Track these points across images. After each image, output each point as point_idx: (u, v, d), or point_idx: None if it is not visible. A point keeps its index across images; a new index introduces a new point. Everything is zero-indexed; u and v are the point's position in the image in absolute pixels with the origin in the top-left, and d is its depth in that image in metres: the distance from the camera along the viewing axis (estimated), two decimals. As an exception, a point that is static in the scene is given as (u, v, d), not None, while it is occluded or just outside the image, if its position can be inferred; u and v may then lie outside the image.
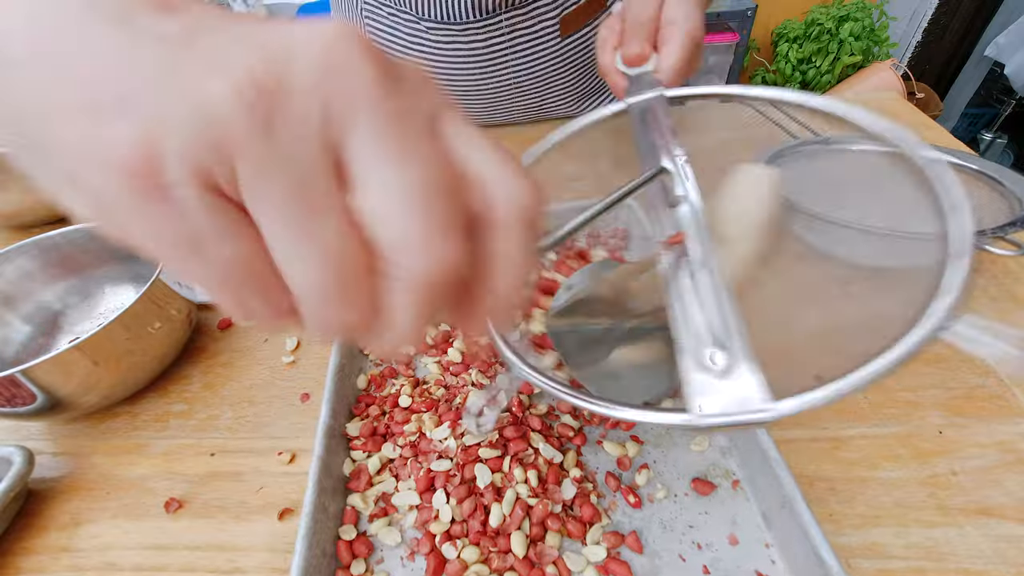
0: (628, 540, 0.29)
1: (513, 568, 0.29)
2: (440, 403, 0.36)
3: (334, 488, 0.32)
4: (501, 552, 0.29)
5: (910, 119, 0.63)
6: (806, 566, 0.26)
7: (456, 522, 0.30)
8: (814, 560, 0.25)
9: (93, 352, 0.34)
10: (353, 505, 0.32)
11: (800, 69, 1.74)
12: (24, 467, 0.33)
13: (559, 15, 0.57)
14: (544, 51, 0.59)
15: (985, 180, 0.42)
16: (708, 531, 0.29)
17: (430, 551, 0.30)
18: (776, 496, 0.27)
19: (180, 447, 0.37)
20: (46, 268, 0.46)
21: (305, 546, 0.27)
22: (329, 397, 0.34)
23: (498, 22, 0.56)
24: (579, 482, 0.32)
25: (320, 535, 0.29)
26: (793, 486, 0.26)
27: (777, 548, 0.28)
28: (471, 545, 0.30)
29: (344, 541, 0.30)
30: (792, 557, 0.27)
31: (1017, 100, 1.67)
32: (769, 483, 0.28)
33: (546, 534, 0.30)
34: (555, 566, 0.29)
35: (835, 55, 1.67)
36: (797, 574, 0.27)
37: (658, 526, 0.30)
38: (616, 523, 0.31)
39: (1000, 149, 1.80)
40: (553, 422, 0.35)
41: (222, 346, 0.44)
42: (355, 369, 0.40)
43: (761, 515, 0.30)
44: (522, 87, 0.62)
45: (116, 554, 0.32)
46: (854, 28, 1.62)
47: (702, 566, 0.28)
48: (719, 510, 0.30)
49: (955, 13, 1.73)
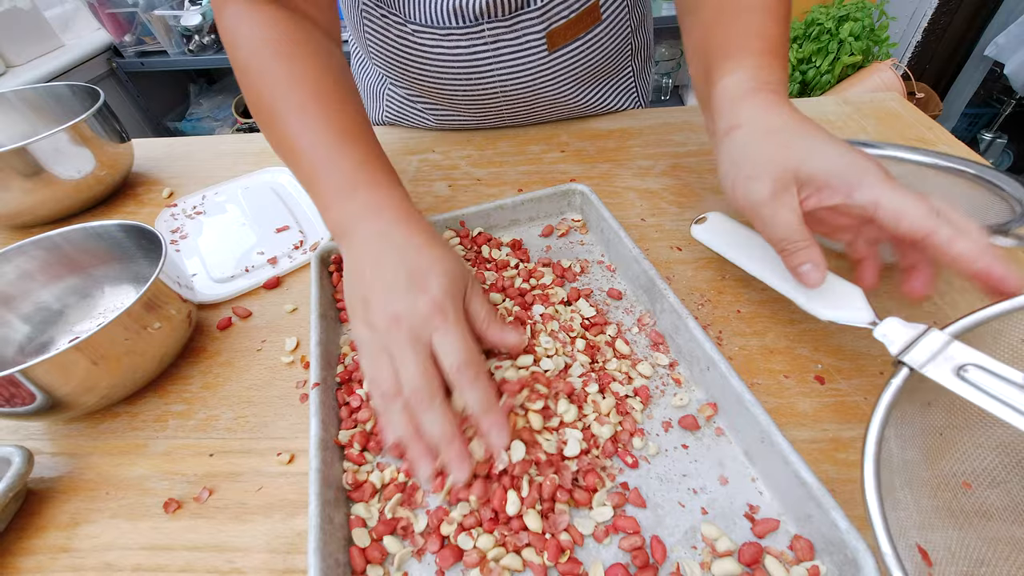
0: (631, 497, 0.31)
1: (530, 544, 0.29)
2: None
3: (336, 499, 0.31)
4: (515, 532, 0.30)
5: (910, 119, 0.63)
6: (789, 489, 0.29)
7: (468, 513, 0.31)
8: (796, 482, 0.28)
9: (92, 352, 0.34)
10: (358, 514, 0.31)
11: (800, 69, 1.74)
12: (23, 467, 0.33)
13: (546, 29, 0.56)
14: (531, 64, 0.59)
15: (984, 184, 0.42)
16: (700, 477, 0.32)
17: (442, 547, 0.30)
18: (755, 433, 0.30)
19: (179, 447, 0.37)
20: (45, 268, 0.46)
21: (318, 559, 0.27)
22: (317, 410, 0.34)
23: (480, 31, 0.55)
24: (583, 455, 0.33)
25: (331, 545, 0.29)
26: (768, 420, 0.29)
27: (762, 480, 0.31)
28: (485, 533, 0.30)
29: (357, 547, 0.30)
30: (776, 485, 0.30)
31: (1017, 100, 1.67)
32: (747, 422, 0.31)
33: (555, 506, 0.31)
34: (567, 532, 0.30)
35: (835, 55, 1.66)
36: (783, 498, 0.30)
37: (656, 480, 0.32)
38: (617, 487, 0.32)
39: (1000, 149, 1.80)
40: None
41: (222, 346, 0.44)
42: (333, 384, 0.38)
43: (744, 453, 0.33)
44: (510, 95, 0.62)
45: (115, 554, 0.32)
46: (854, 28, 1.62)
47: (700, 508, 0.31)
48: (707, 456, 0.33)
49: (955, 13, 1.73)
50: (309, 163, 0.38)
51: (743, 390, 0.31)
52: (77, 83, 0.66)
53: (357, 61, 0.72)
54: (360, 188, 0.37)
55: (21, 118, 0.67)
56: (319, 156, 0.38)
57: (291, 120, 0.39)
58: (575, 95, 0.65)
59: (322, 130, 0.38)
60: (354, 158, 0.38)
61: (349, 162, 0.38)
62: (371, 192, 0.37)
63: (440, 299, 0.32)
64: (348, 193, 0.37)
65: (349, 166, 0.38)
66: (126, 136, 0.64)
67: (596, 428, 0.34)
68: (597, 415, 0.35)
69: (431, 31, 0.56)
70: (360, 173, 0.38)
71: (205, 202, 0.61)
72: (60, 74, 1.48)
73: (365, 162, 0.38)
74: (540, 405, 0.34)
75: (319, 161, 0.38)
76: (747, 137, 0.34)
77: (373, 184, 0.38)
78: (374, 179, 0.38)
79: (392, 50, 0.60)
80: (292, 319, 0.46)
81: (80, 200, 0.60)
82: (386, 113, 0.71)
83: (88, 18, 1.67)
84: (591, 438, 0.34)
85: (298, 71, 0.40)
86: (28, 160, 0.53)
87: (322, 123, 0.39)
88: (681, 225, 0.51)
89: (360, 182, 0.37)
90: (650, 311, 0.42)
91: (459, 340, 0.31)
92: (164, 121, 1.97)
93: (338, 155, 0.38)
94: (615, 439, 0.34)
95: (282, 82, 0.40)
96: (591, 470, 0.32)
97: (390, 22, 0.57)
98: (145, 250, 0.46)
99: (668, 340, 0.39)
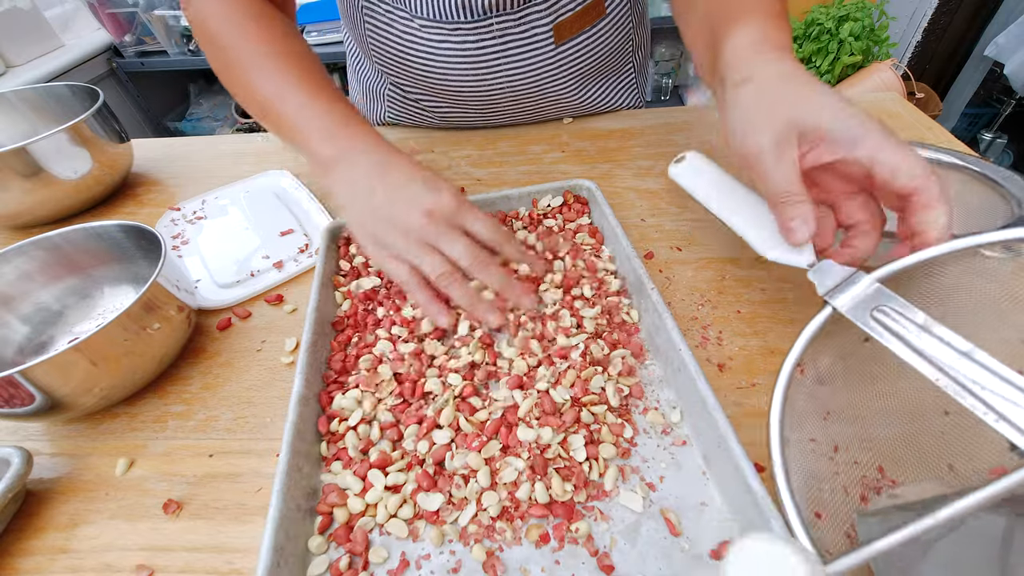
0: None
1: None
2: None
3: (307, 453, 0.33)
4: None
5: (910, 119, 0.63)
6: (737, 495, 0.29)
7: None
8: (744, 488, 0.28)
9: (92, 353, 0.34)
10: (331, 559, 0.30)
11: (800, 69, 1.73)
12: (22, 468, 0.33)
13: (553, 22, 0.56)
14: (538, 57, 0.59)
15: (986, 182, 0.42)
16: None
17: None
18: (713, 437, 0.30)
19: (179, 448, 0.37)
20: (45, 269, 0.45)
21: (280, 500, 0.29)
22: (303, 369, 0.36)
23: (488, 25, 0.55)
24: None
25: (294, 491, 0.30)
26: (727, 425, 0.29)
27: (714, 483, 0.32)
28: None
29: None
30: (727, 490, 0.30)
31: (1017, 100, 1.67)
32: (708, 425, 0.31)
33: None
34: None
35: (835, 55, 1.66)
36: (731, 503, 0.30)
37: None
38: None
39: (1000, 149, 1.80)
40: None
41: (221, 347, 0.44)
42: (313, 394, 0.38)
43: (702, 456, 0.33)
44: (516, 90, 0.62)
45: (114, 555, 0.32)
46: (854, 28, 1.62)
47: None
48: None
49: (955, 13, 1.73)
50: (288, 110, 0.43)
51: (708, 394, 0.31)
52: (77, 83, 0.66)
53: (353, 61, 0.72)
54: (344, 127, 0.42)
55: (21, 118, 0.67)
56: (298, 102, 0.43)
57: (263, 74, 0.44)
58: (579, 91, 0.65)
59: (294, 80, 0.44)
60: (331, 100, 0.43)
61: (326, 104, 0.43)
62: (358, 129, 0.43)
63: (458, 194, 0.39)
64: (336, 131, 0.42)
65: (325, 108, 0.43)
66: (125, 136, 0.63)
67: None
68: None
69: (438, 26, 0.56)
70: (337, 115, 0.43)
71: (206, 206, 0.61)
72: (60, 74, 1.48)
73: (343, 106, 0.44)
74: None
75: (297, 106, 0.43)
76: (757, 90, 0.34)
77: (355, 123, 0.43)
78: (355, 119, 0.43)
79: (396, 47, 0.59)
80: (292, 319, 0.46)
81: (79, 200, 0.60)
82: (387, 113, 0.71)
83: (88, 18, 1.67)
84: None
85: (265, 33, 0.46)
86: (28, 160, 0.53)
87: (294, 75, 0.44)
88: (681, 225, 0.51)
89: (341, 123, 0.43)
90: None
91: (490, 221, 0.39)
92: (164, 121, 1.96)
93: (315, 99, 0.43)
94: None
95: (252, 42, 0.45)
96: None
97: (395, 17, 0.57)
98: (145, 251, 0.46)
99: (648, 339, 0.40)
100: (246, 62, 0.45)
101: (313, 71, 0.45)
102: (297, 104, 0.43)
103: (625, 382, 0.37)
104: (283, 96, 0.43)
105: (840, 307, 0.29)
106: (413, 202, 0.38)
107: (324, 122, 0.42)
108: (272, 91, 0.44)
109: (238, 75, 0.46)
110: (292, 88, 0.43)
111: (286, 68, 0.44)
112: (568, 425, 0.34)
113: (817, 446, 0.30)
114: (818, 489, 0.29)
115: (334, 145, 0.42)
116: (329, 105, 0.43)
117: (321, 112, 0.43)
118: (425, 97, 0.66)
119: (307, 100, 0.43)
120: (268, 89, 0.44)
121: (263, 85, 0.44)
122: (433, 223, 0.38)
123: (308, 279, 0.50)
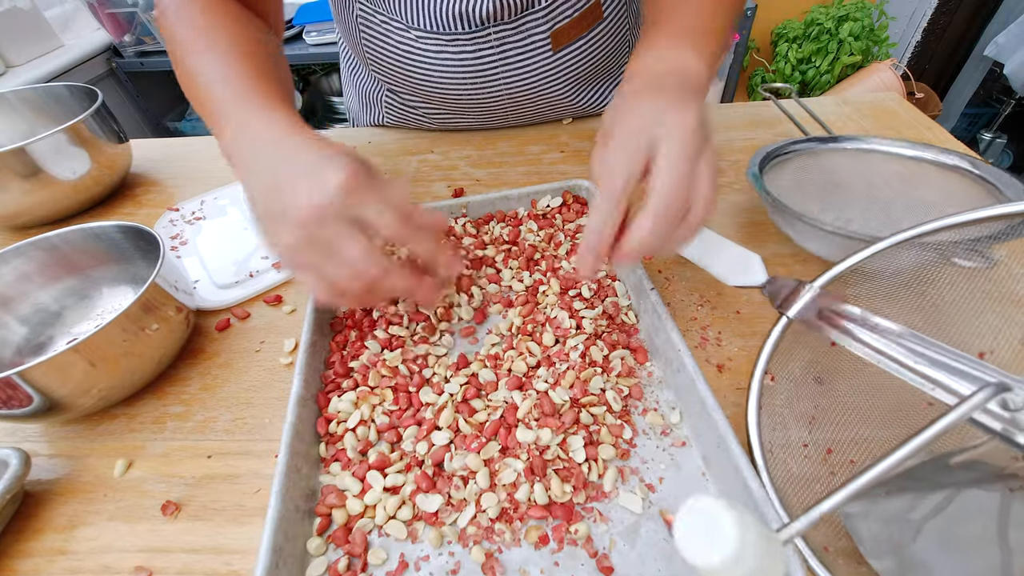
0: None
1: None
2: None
3: (306, 453, 0.33)
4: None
5: (909, 119, 0.63)
6: (735, 495, 0.29)
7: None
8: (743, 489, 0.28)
9: (90, 354, 0.34)
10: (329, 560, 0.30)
11: (799, 69, 1.74)
12: (20, 469, 0.32)
13: (550, 29, 0.56)
14: (536, 64, 0.59)
15: (984, 184, 0.42)
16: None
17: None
18: (713, 438, 0.31)
19: (177, 449, 0.37)
20: (43, 269, 0.45)
21: (279, 501, 0.29)
22: (301, 370, 0.36)
23: (486, 35, 0.55)
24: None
25: (292, 491, 0.30)
26: (727, 427, 0.30)
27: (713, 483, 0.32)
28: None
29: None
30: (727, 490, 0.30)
31: (1017, 100, 1.67)
32: (707, 427, 0.31)
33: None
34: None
35: (834, 55, 1.66)
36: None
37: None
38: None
39: (999, 149, 1.80)
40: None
41: (220, 348, 0.44)
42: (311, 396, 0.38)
43: (702, 457, 0.33)
44: (514, 97, 0.62)
45: (113, 557, 0.31)
46: (853, 28, 1.62)
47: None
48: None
49: (955, 13, 1.73)
50: (213, 94, 0.39)
51: (707, 395, 0.31)
52: (76, 83, 0.66)
53: (350, 68, 0.72)
54: (252, 112, 0.37)
55: (20, 118, 0.67)
56: (223, 89, 0.39)
57: (203, 60, 0.40)
58: (577, 95, 0.65)
59: (221, 67, 0.40)
60: (251, 89, 0.39)
61: (260, 100, 0.38)
62: (263, 113, 0.37)
63: (352, 177, 0.31)
64: (239, 114, 0.37)
65: (244, 96, 0.38)
66: (124, 136, 0.63)
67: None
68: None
69: (436, 37, 0.55)
70: (252, 101, 0.38)
71: (204, 207, 0.60)
72: (60, 74, 1.48)
73: (265, 95, 0.38)
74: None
75: (224, 93, 0.39)
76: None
77: (266, 108, 0.37)
78: (267, 103, 0.38)
79: (393, 57, 0.59)
80: (291, 320, 0.46)
81: (78, 201, 0.60)
82: (385, 118, 0.71)
83: (88, 18, 1.66)
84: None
85: (228, 28, 0.42)
86: (26, 161, 0.53)
87: (225, 64, 0.40)
88: (681, 226, 0.51)
89: (251, 109, 0.37)
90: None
91: (394, 210, 0.31)
92: (164, 121, 1.96)
93: (235, 88, 0.39)
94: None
95: (210, 35, 0.41)
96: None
97: (391, 28, 0.57)
98: (143, 251, 0.46)
99: (647, 340, 0.40)
100: (193, 49, 0.41)
101: (266, 75, 0.41)
102: (232, 93, 0.39)
103: (624, 383, 0.36)
104: (222, 83, 0.39)
105: (791, 315, 0.32)
106: (299, 192, 0.31)
107: (243, 111, 0.38)
108: (213, 76, 0.39)
109: (187, 61, 0.41)
110: (233, 79, 0.39)
111: (238, 63, 0.40)
112: (567, 426, 0.34)
113: (809, 451, 0.30)
114: (815, 491, 0.29)
115: (235, 134, 0.37)
116: (263, 100, 0.38)
117: (250, 106, 0.38)
118: (423, 103, 0.66)
119: (243, 93, 0.38)
120: (210, 74, 0.39)
121: (206, 70, 0.40)
122: (320, 221, 0.30)
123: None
